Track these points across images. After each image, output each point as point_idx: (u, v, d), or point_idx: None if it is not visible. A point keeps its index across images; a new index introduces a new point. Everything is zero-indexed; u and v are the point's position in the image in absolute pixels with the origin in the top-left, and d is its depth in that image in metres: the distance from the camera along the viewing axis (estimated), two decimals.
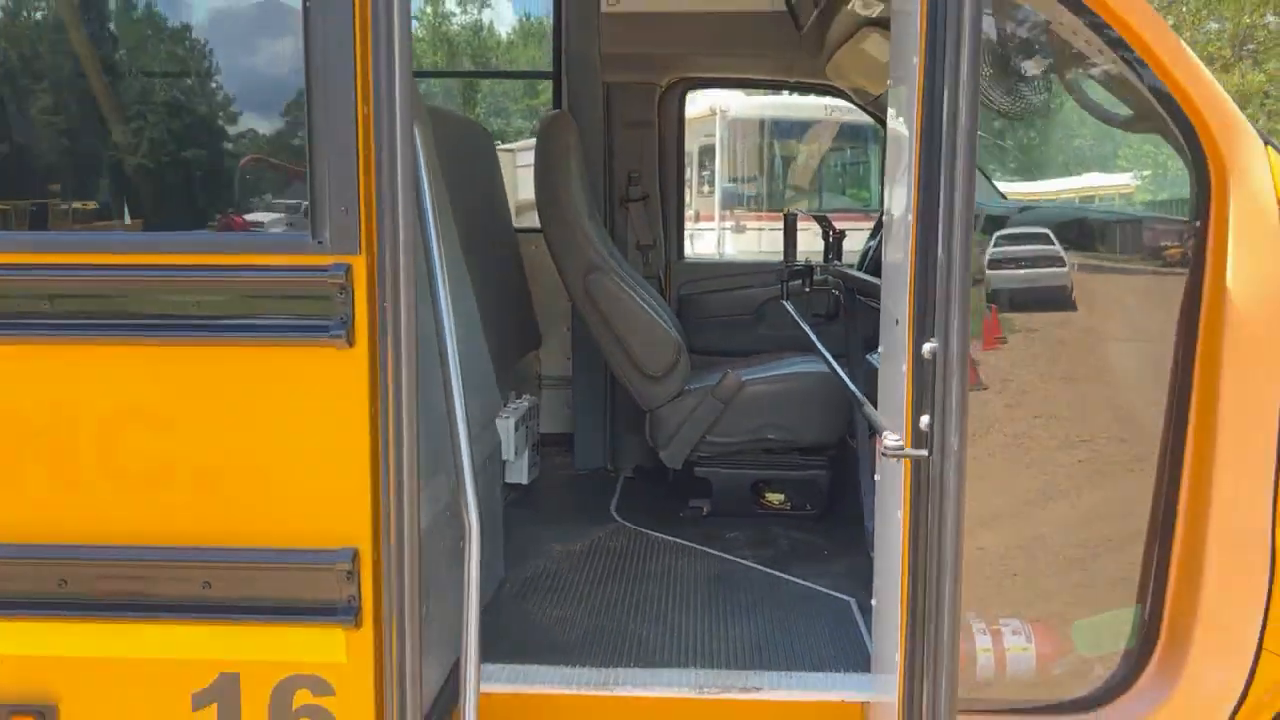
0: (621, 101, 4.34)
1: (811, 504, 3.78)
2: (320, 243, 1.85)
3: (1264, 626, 2.15)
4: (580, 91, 4.11)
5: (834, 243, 3.80)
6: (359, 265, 1.85)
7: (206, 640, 1.96)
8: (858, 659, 2.58)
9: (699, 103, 16.16)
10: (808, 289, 3.85)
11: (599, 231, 3.76)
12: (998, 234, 2.60)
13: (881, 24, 3.27)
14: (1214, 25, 20.33)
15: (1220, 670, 2.18)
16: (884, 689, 2.15)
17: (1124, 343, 2.38)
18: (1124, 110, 2.41)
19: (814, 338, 3.22)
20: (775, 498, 3.84)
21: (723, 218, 15.47)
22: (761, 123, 16.44)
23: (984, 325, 2.45)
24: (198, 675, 1.96)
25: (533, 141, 3.83)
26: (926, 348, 1.62)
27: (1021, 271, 2.49)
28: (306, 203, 1.84)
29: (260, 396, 1.90)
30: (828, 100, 18.53)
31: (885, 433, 1.69)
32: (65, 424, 1.93)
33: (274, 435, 1.90)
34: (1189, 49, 2.14)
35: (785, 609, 2.93)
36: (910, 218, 1.81)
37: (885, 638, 2.21)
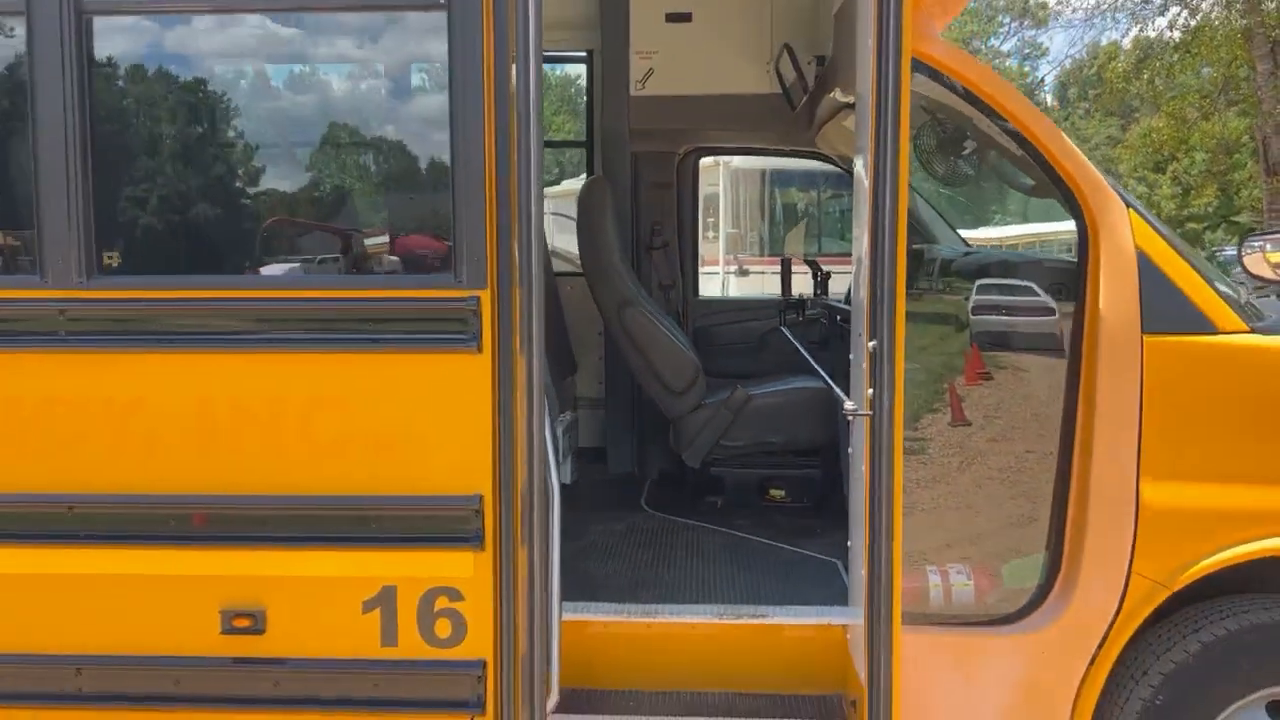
0: (646, 167, 5.23)
1: (806, 498, 4.58)
2: (459, 281, 2.69)
3: (1132, 558, 2.95)
4: (613, 159, 4.99)
5: (821, 281, 4.65)
6: (485, 296, 2.68)
7: (373, 562, 2.77)
8: (840, 600, 3.38)
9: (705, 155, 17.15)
10: (800, 319, 4.69)
11: (630, 273, 4.61)
12: (979, 283, 3.43)
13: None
14: (1199, 75, 21.38)
15: (1102, 591, 2.97)
16: (855, 611, 2.95)
17: (1034, 355, 3.21)
18: (1029, 181, 3.26)
19: (807, 355, 4.05)
20: (777, 493, 4.64)
21: (727, 262, 16.40)
22: (762, 173, 17.45)
23: (966, 362, 3.28)
24: (366, 587, 2.77)
25: (556, 188, 4.70)
26: (871, 344, 2.45)
27: (1002, 316, 3.30)
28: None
29: (416, 386, 2.73)
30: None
31: (846, 402, 2.50)
32: (276, 409, 2.75)
33: (425, 413, 2.73)
34: (1067, 137, 2.99)
35: (785, 568, 3.74)
36: (866, 254, 2.65)
37: (857, 575, 3.01)
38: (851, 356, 3.01)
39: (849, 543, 3.14)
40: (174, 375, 2.75)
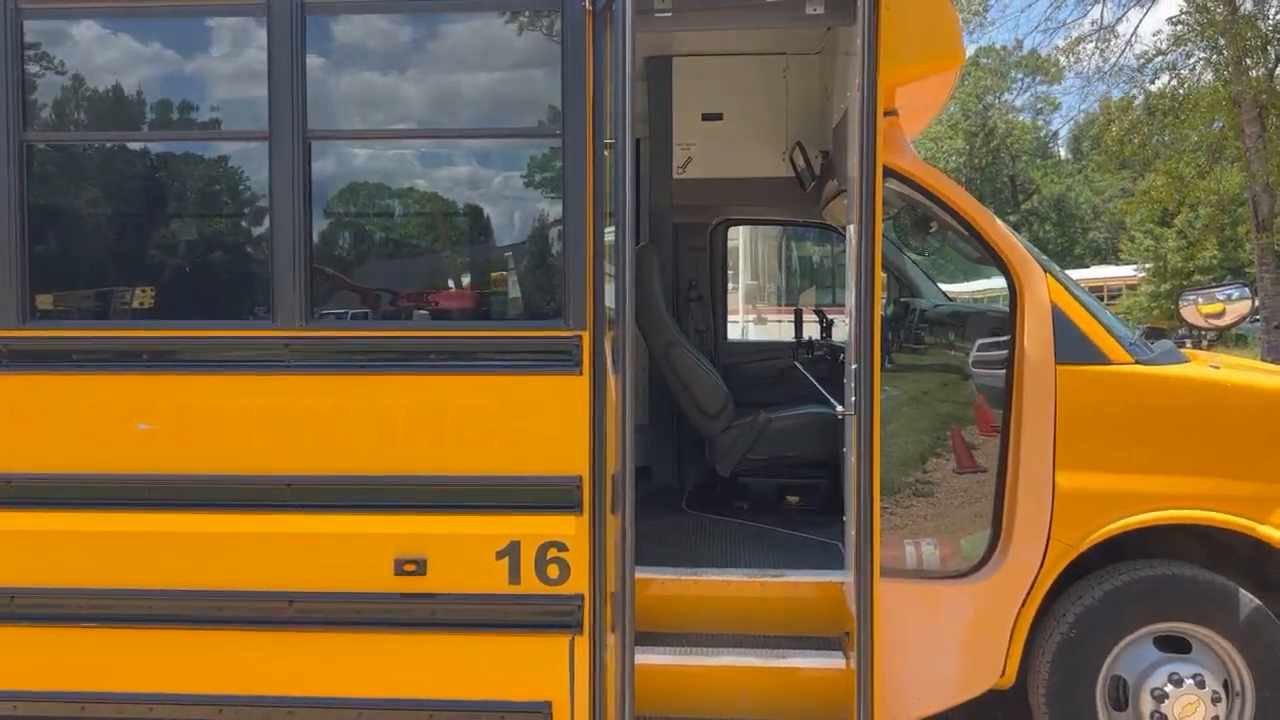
0: (685, 234, 6.45)
1: (816, 503, 5.68)
2: (566, 323, 3.85)
3: (1050, 528, 4.03)
4: (659, 228, 6.20)
5: (826, 327, 5.82)
6: (585, 336, 3.84)
7: (503, 523, 3.89)
8: (840, 567, 4.47)
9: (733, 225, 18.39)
10: (810, 357, 5.85)
11: (673, 321, 5.77)
12: (979, 341, 4.53)
13: None
14: (1190, 138, 22.53)
15: (1027, 553, 4.05)
16: (849, 572, 4.05)
17: (985, 375, 4.33)
18: (975, 252, 4.40)
19: (816, 384, 5.19)
20: (793, 499, 5.75)
21: (746, 311, 17.59)
22: (779, 230, 18.68)
23: (978, 414, 4.37)
24: (499, 541, 3.88)
25: None
26: (853, 367, 3.60)
27: (993, 370, 4.36)
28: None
29: (534, 398, 3.87)
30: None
31: (839, 407, 3.64)
32: (438, 414, 3.89)
33: (542, 418, 3.87)
34: (999, 221, 4.14)
35: (799, 546, 4.84)
36: (853, 302, 3.78)
37: (849, 539, 4.10)
38: (845, 380, 4.14)
39: (844, 517, 4.24)
40: (366, 390, 3.91)
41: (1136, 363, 4.09)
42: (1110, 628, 4.04)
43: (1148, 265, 38.37)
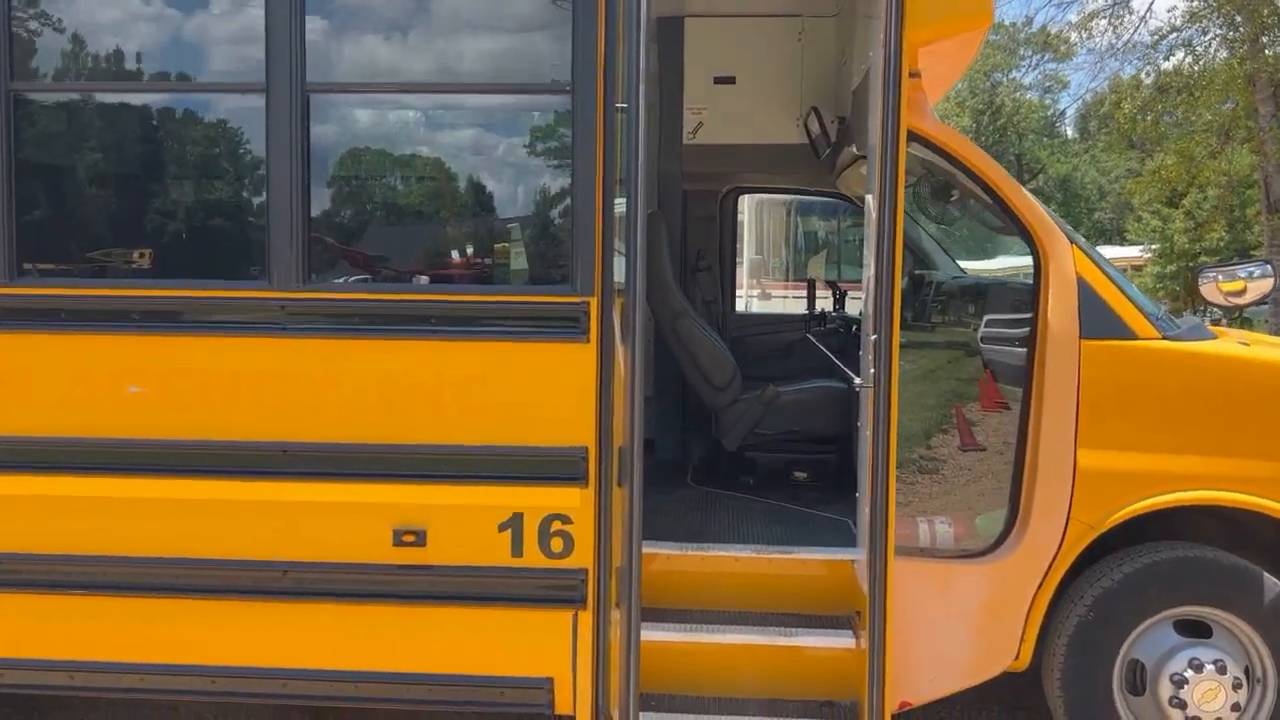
0: (694, 203, 6.28)
1: (824, 480, 5.55)
2: (574, 289, 3.70)
3: (1070, 507, 3.91)
4: (667, 195, 6.03)
5: (840, 299, 5.66)
6: (593, 303, 3.69)
7: (506, 494, 3.76)
8: (850, 544, 4.35)
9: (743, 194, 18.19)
10: (823, 329, 5.69)
11: (679, 289, 5.62)
12: (987, 317, 4.38)
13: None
14: (1203, 116, 22.26)
15: (1046, 533, 3.93)
16: (861, 550, 3.93)
17: (1006, 348, 4.19)
18: (997, 222, 4.25)
19: (830, 355, 5.04)
20: (800, 474, 5.62)
21: (750, 286, 17.42)
22: (786, 203, 18.48)
23: (981, 389, 4.24)
24: (501, 513, 3.76)
25: None
26: (871, 338, 3.45)
27: (1008, 347, 4.23)
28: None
29: (539, 367, 3.73)
30: None
31: (856, 379, 3.48)
32: (439, 382, 3.76)
33: (548, 386, 3.73)
34: (1024, 190, 3.99)
35: (807, 523, 4.72)
36: (872, 272, 3.64)
37: (862, 519, 3.98)
38: (861, 352, 4.00)
39: (856, 494, 4.11)
40: (366, 355, 3.77)
41: (1163, 338, 3.95)
42: (1130, 610, 3.93)
43: (1154, 246, 38.09)
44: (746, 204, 18.20)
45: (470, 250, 4.01)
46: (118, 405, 3.80)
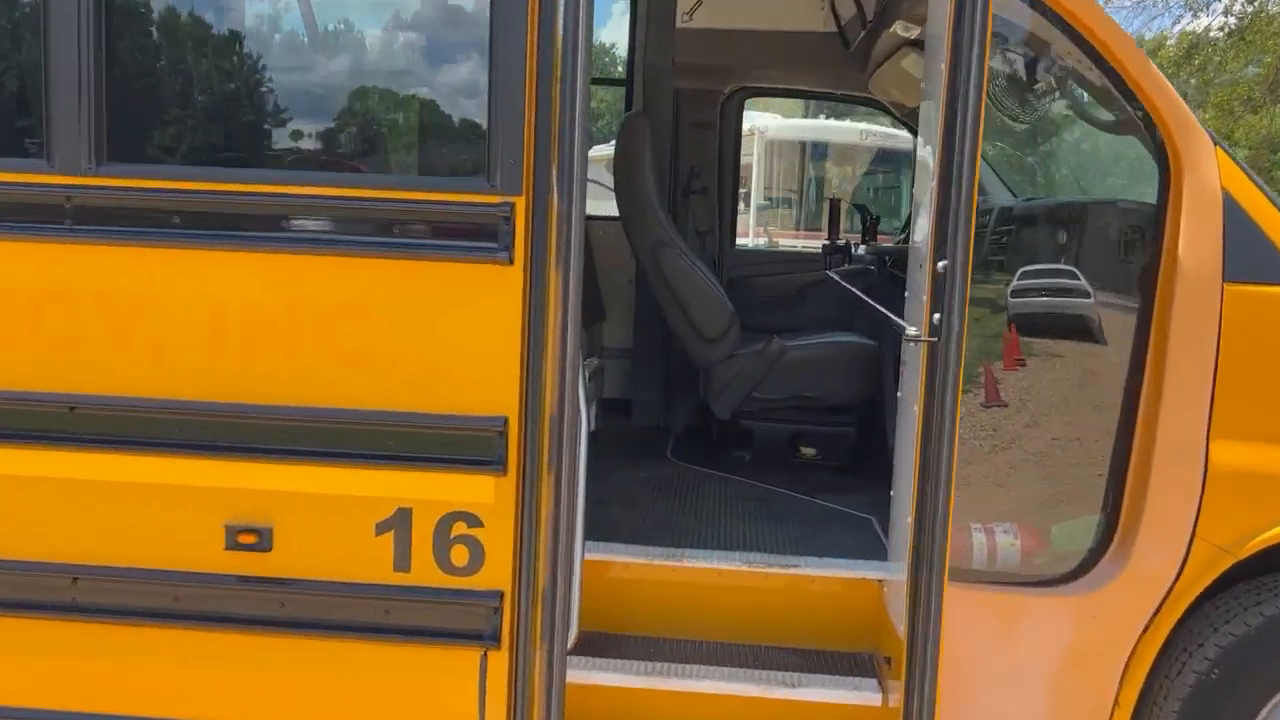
0: (689, 105, 5.01)
1: (839, 457, 4.39)
2: (493, 185, 2.50)
3: (1196, 521, 2.75)
4: (654, 95, 4.77)
5: (870, 227, 4.43)
6: (520, 204, 2.50)
7: (388, 482, 2.60)
8: (876, 554, 3.19)
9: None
10: (847, 264, 4.48)
11: (666, 214, 4.41)
12: (1020, 270, 3.20)
13: (918, 45, 3.92)
14: (1252, 70, 20.82)
15: (1161, 555, 2.77)
16: (897, 568, 2.76)
17: (1099, 302, 3.00)
18: (1108, 115, 3.03)
19: (858, 293, 3.82)
20: (809, 450, 4.45)
21: (756, 234, 16.15)
22: (800, 145, 17.15)
23: (1004, 347, 3.07)
24: (380, 508, 2.60)
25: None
26: (941, 264, 2.24)
27: (1040, 299, 3.08)
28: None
29: (441, 298, 2.55)
30: (863, 126, 19.13)
31: (907, 328, 2.29)
32: (292, 315, 2.58)
33: (450, 327, 2.55)
34: (1153, 65, 2.77)
35: (816, 521, 3.56)
36: (936, 169, 2.44)
37: (900, 524, 2.82)
38: (908, 294, 2.81)
39: (891, 492, 2.95)
40: (184, 272, 2.58)
41: None
42: (1270, 671, 2.77)
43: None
44: (757, 143, 17.03)
45: (345, 122, 2.78)
46: None
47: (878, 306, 3.28)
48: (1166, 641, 2.82)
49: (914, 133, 5.12)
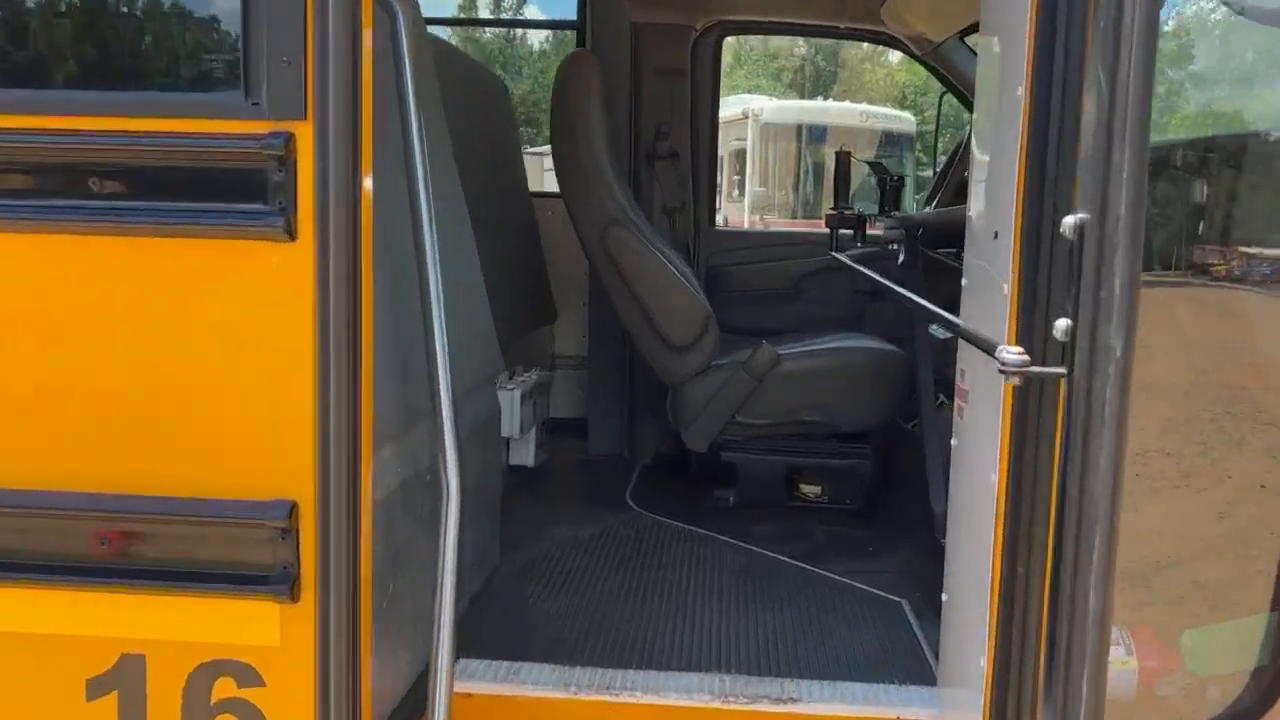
0: (651, 45, 3.90)
1: (851, 498, 3.34)
2: (255, 105, 1.45)
3: None
4: (606, 32, 3.69)
5: (891, 192, 3.33)
6: (304, 133, 1.44)
7: (105, 612, 1.56)
8: (915, 669, 2.15)
9: (731, 106, 15.86)
10: (860, 243, 3.40)
11: (622, 185, 3.35)
12: None
13: None
14: None
15: None
16: (962, 706, 1.71)
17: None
18: None
19: (878, 278, 2.77)
20: (810, 489, 3.40)
21: (751, 223, 15.08)
22: (795, 128, 16.10)
23: None
24: (94, 656, 1.56)
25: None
26: (1068, 221, 1.15)
27: None
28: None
29: (174, 302, 1.50)
30: (864, 107, 18.08)
31: (1002, 348, 1.21)
32: None
33: (189, 352, 1.50)
34: None
35: (825, 609, 2.50)
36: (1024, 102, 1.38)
37: (959, 640, 1.78)
38: (966, 283, 1.75)
39: (943, 595, 1.89)
40: None
41: None
42: None
43: None
44: (750, 126, 16.01)
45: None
46: None
47: (922, 302, 2.21)
48: None
49: (934, 72, 4.07)
